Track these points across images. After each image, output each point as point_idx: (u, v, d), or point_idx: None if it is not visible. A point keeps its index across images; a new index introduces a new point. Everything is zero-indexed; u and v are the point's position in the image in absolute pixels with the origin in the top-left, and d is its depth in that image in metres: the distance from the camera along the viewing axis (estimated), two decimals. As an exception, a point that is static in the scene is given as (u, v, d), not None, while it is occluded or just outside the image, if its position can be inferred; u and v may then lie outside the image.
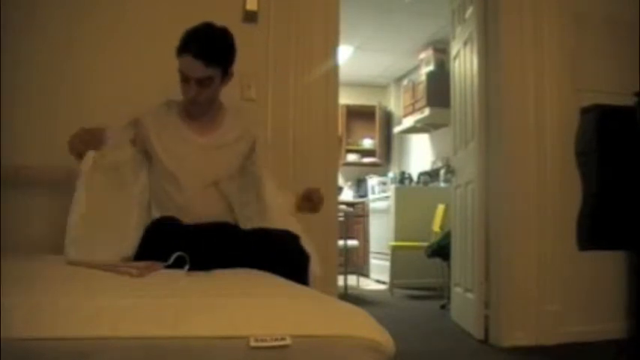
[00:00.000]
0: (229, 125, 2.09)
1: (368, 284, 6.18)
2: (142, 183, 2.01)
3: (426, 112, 6.01)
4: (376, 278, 6.34)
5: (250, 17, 2.70)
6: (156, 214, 1.97)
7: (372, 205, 6.65)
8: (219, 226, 1.93)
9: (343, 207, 5.41)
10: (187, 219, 1.89)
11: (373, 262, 6.50)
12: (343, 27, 2.92)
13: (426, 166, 6.65)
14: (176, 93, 2.04)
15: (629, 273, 3.21)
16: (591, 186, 3.23)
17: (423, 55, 6.40)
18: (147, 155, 2.02)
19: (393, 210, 5.88)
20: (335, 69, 2.86)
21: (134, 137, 2.01)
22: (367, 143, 7.85)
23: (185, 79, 1.91)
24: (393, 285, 5.44)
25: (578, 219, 3.20)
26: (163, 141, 1.99)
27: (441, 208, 5.08)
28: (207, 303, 1.05)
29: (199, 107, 2.00)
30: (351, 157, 7.79)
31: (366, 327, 1.04)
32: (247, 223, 2.01)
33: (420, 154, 7.03)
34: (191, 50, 1.85)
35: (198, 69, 1.87)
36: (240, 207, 2.08)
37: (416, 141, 7.16)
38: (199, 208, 1.96)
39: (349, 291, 5.08)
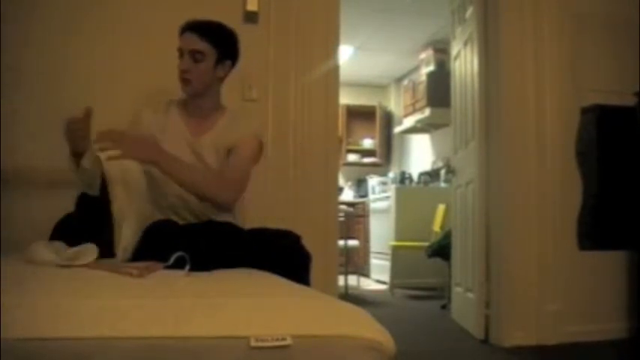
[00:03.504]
0: (224, 129, 2.04)
1: (368, 284, 6.18)
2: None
3: (427, 112, 6.01)
4: (377, 278, 6.34)
5: (251, 18, 2.71)
6: (154, 214, 1.97)
7: (373, 205, 6.65)
8: (220, 226, 1.93)
9: (344, 207, 5.41)
10: (177, 217, 1.96)
11: (374, 262, 6.50)
12: (343, 27, 2.92)
13: (427, 166, 6.65)
14: (176, 93, 2.05)
15: (629, 273, 3.21)
16: (591, 186, 3.24)
17: (423, 56, 6.40)
18: None
19: (393, 210, 5.88)
20: (335, 69, 2.86)
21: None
22: (367, 143, 7.84)
23: (180, 55, 1.99)
24: (393, 285, 5.44)
25: (578, 219, 3.20)
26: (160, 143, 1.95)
27: (441, 208, 5.08)
28: (207, 303, 1.05)
29: (191, 87, 2.00)
30: (352, 157, 7.79)
31: (366, 327, 1.04)
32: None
33: (420, 154, 7.03)
34: (188, 25, 2.00)
35: (190, 40, 1.97)
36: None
37: (416, 141, 7.16)
38: (188, 207, 1.98)
39: (350, 291, 5.08)
